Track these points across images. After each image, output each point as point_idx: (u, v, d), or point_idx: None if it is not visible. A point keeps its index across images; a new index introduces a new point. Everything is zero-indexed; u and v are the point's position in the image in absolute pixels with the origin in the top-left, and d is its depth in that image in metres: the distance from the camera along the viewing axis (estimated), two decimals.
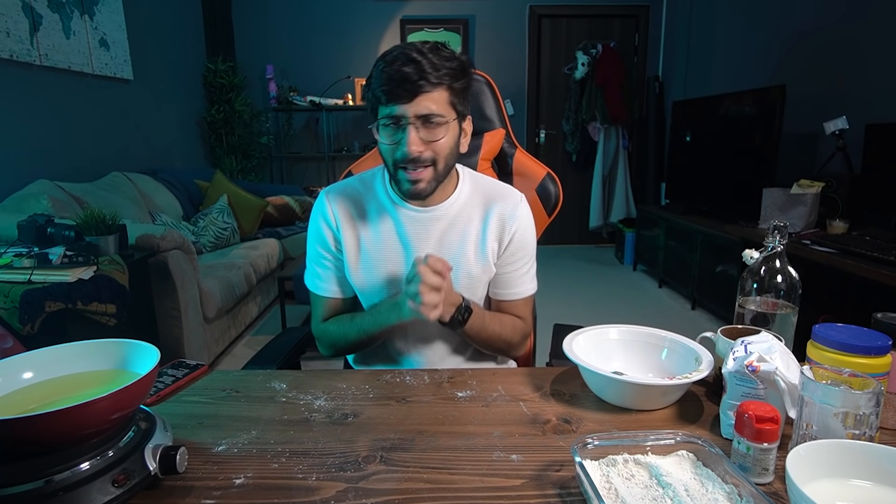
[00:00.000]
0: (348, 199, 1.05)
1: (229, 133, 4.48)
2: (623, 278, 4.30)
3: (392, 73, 0.88)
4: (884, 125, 2.42)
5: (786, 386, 0.69)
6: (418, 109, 0.89)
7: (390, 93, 0.89)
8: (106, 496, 0.57)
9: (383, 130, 0.93)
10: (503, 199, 1.05)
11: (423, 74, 0.88)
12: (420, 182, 0.94)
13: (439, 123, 0.91)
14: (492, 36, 4.91)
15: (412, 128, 0.90)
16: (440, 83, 0.90)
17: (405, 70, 0.87)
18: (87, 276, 1.72)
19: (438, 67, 0.89)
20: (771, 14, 3.49)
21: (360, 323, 1.02)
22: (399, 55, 0.89)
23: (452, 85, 0.91)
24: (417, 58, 0.88)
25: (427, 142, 0.92)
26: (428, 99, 0.89)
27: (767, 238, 0.85)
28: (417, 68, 0.87)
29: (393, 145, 0.92)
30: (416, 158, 0.92)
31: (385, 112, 0.91)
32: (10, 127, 2.44)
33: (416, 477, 0.65)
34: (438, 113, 0.90)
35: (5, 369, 0.67)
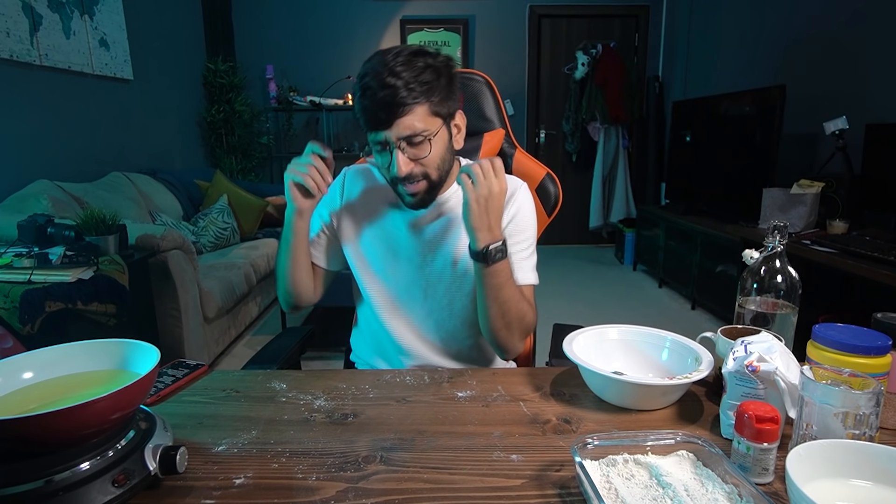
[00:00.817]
0: (364, 180, 1.11)
1: (229, 133, 4.48)
2: (623, 278, 4.30)
3: (367, 103, 0.89)
4: (884, 125, 2.42)
5: (786, 386, 0.69)
6: (400, 132, 0.90)
7: (370, 121, 0.91)
8: (106, 496, 0.57)
9: (374, 152, 0.96)
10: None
11: (398, 98, 0.87)
12: (417, 195, 0.97)
13: (424, 139, 0.92)
14: (492, 36, 4.91)
15: (398, 150, 0.92)
16: (416, 102, 0.89)
17: (380, 95, 0.87)
18: (87, 276, 1.72)
19: (412, 86, 0.88)
20: (771, 14, 3.49)
21: (280, 245, 1.05)
22: (371, 82, 0.88)
23: (430, 98, 0.91)
24: (390, 81, 0.87)
25: (415, 160, 0.93)
26: (407, 119, 0.89)
27: (767, 238, 0.84)
28: (391, 92, 0.87)
29: (385, 166, 0.96)
30: (407, 177, 0.94)
31: (371, 137, 0.93)
32: (10, 127, 2.44)
33: (416, 477, 0.65)
34: (421, 130, 0.91)
35: (5, 369, 0.67)
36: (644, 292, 3.94)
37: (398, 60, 0.89)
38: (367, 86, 0.89)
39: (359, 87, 0.91)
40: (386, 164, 0.94)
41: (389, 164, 0.93)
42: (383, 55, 0.90)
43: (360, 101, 0.91)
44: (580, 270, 4.51)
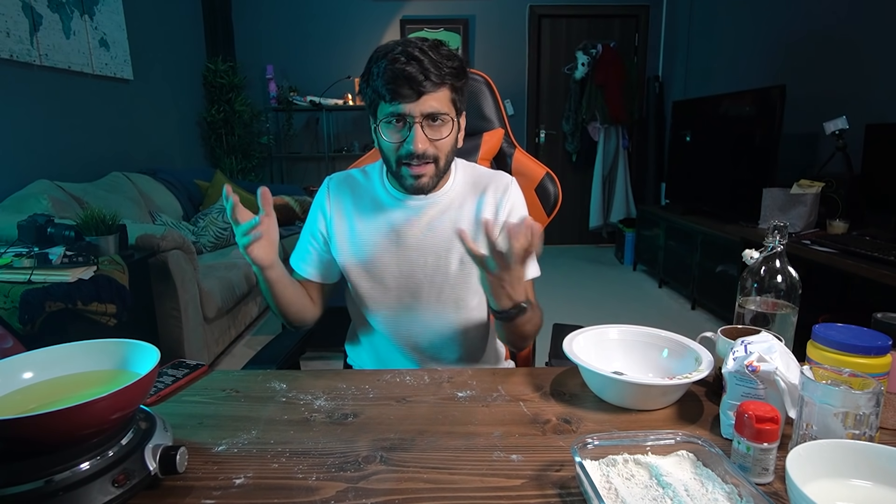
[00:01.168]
0: (348, 186, 1.09)
1: (229, 133, 4.48)
2: (623, 278, 4.30)
3: (396, 72, 0.88)
4: (884, 125, 2.42)
5: (786, 386, 0.69)
6: (424, 108, 0.91)
7: (395, 91, 0.89)
8: (106, 496, 0.57)
9: (386, 127, 0.94)
10: (494, 183, 1.08)
11: (428, 73, 0.88)
12: (423, 177, 0.96)
13: (444, 122, 0.93)
14: (492, 36, 4.91)
15: (418, 126, 0.91)
16: (443, 83, 0.91)
17: (409, 69, 0.87)
18: (87, 276, 1.72)
19: (441, 66, 0.89)
20: (771, 14, 3.49)
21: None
22: (401, 53, 0.89)
23: (454, 84, 0.93)
24: (419, 56, 0.88)
25: (432, 139, 0.93)
26: (433, 98, 0.91)
27: (767, 238, 0.84)
28: (421, 67, 0.88)
29: (397, 143, 0.94)
30: (421, 154, 0.93)
31: (389, 110, 0.92)
32: (10, 127, 2.44)
33: (416, 477, 0.65)
34: (443, 111, 0.92)
35: (5, 369, 0.67)
36: (644, 292, 3.94)
37: (426, 44, 0.90)
38: (395, 56, 0.88)
39: (383, 58, 0.89)
40: (398, 140, 0.93)
41: (404, 140, 0.93)
42: (405, 39, 0.92)
43: (385, 70, 0.89)
44: (580, 270, 4.51)
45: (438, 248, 1.04)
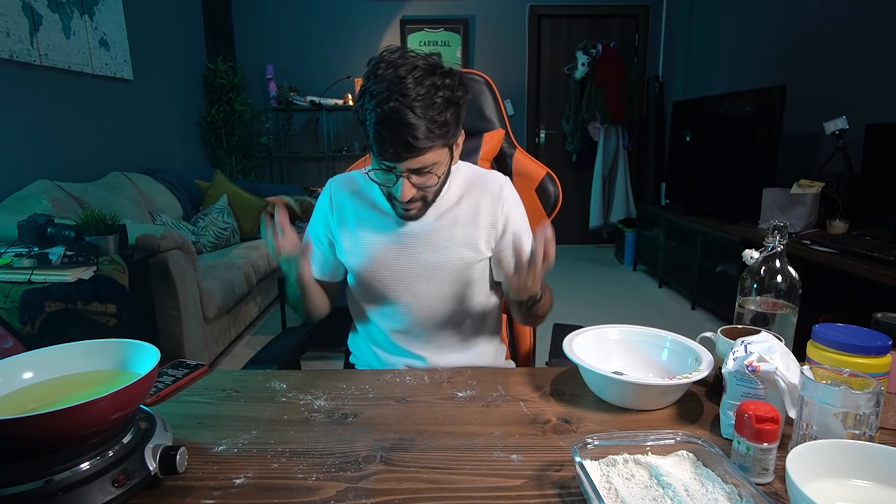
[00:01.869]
0: (349, 188, 1.11)
1: (229, 133, 4.48)
2: (623, 278, 4.30)
3: (385, 136, 0.86)
4: (884, 125, 2.41)
5: (786, 386, 0.69)
6: (410, 165, 0.90)
7: (382, 152, 0.88)
8: (106, 496, 0.57)
9: (375, 171, 0.94)
10: (488, 185, 1.09)
11: (417, 140, 0.86)
12: (411, 211, 0.99)
13: (431, 171, 0.93)
14: (492, 36, 4.91)
15: (405, 178, 0.92)
16: (433, 145, 0.89)
17: (398, 134, 0.85)
18: (87, 276, 1.72)
19: (432, 128, 0.86)
20: (771, 14, 3.49)
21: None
22: (391, 114, 0.85)
23: (446, 139, 0.91)
24: (411, 119, 0.84)
25: (419, 187, 0.94)
26: (421, 158, 0.89)
27: (767, 238, 0.84)
28: (411, 133, 0.85)
29: (385, 186, 0.96)
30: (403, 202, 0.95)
31: (377, 158, 0.91)
32: (10, 127, 2.44)
33: (416, 477, 0.65)
34: (430, 164, 0.92)
35: (5, 369, 0.67)
36: (644, 292, 3.94)
37: (418, 92, 0.85)
38: (385, 116, 0.85)
39: (374, 112, 0.87)
40: (388, 184, 0.95)
41: (392, 185, 0.94)
42: (402, 75, 0.86)
43: (375, 128, 0.87)
44: (580, 270, 4.51)
45: (439, 246, 1.06)
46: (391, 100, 0.85)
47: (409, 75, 0.86)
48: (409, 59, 0.88)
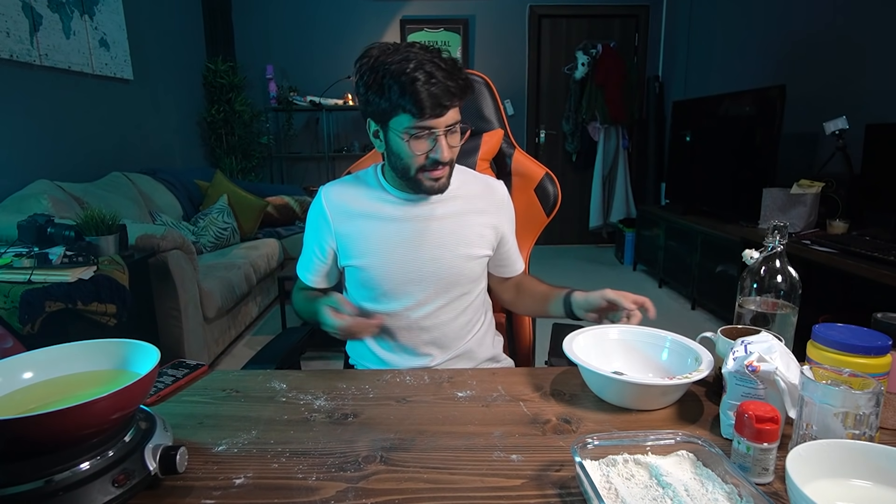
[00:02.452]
0: (344, 193, 1.11)
1: (229, 133, 4.48)
2: (623, 278, 4.30)
3: (423, 92, 0.91)
4: (884, 125, 2.41)
5: (786, 386, 0.69)
6: (447, 121, 0.96)
7: (423, 110, 0.92)
8: (106, 496, 0.57)
9: (413, 139, 0.96)
10: (492, 188, 1.15)
11: (451, 91, 0.93)
12: (442, 178, 1.02)
13: (458, 129, 1.00)
14: (492, 36, 4.91)
15: (443, 138, 0.97)
16: (463, 95, 0.97)
17: (434, 91, 0.91)
18: (87, 276, 1.72)
19: (458, 82, 0.94)
20: (771, 14, 3.49)
21: (310, 306, 1.09)
22: (417, 70, 0.91)
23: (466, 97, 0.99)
24: (437, 73, 0.91)
25: (451, 147, 0.99)
26: (453, 111, 0.97)
27: (767, 238, 0.84)
28: (443, 86, 0.92)
29: (422, 153, 0.98)
30: (444, 162, 0.98)
31: (413, 123, 0.94)
32: (10, 127, 2.44)
33: (416, 477, 0.65)
34: (457, 120, 0.98)
35: (5, 369, 0.67)
36: (644, 292, 3.87)
37: (432, 56, 0.93)
38: (414, 77, 0.90)
39: (401, 77, 0.91)
40: (424, 150, 0.97)
41: (430, 149, 0.97)
42: (406, 51, 0.93)
43: (410, 90, 0.91)
44: (580, 270, 4.51)
45: (442, 246, 1.07)
46: (414, 65, 0.91)
47: (412, 48, 0.94)
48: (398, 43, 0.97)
